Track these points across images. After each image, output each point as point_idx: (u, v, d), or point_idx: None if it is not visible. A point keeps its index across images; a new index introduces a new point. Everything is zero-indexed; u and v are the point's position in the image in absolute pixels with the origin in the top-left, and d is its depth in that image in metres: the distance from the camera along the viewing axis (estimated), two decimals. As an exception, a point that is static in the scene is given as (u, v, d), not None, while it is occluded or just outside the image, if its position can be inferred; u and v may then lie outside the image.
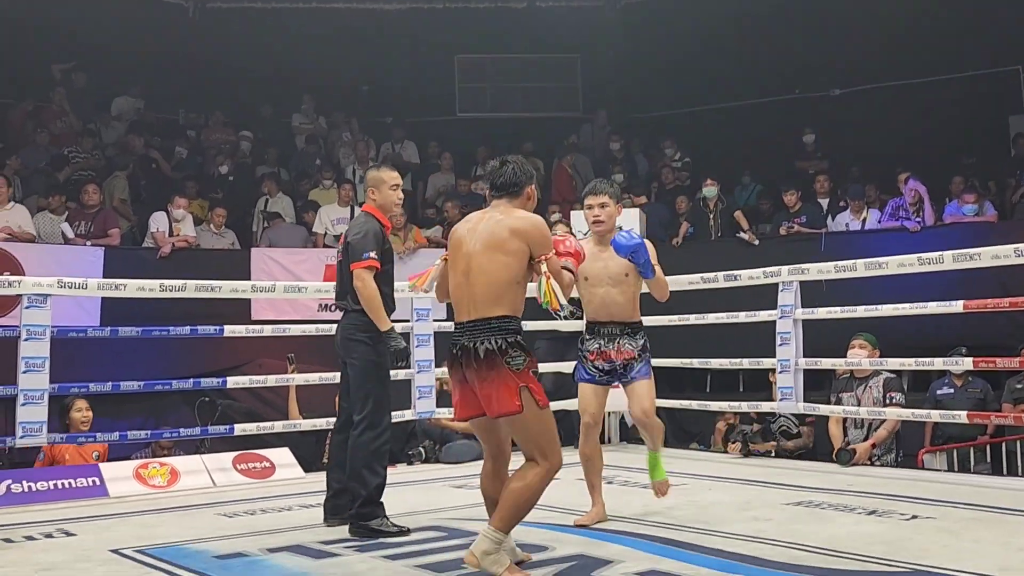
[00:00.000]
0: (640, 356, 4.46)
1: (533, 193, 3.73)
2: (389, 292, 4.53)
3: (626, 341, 4.44)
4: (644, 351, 4.48)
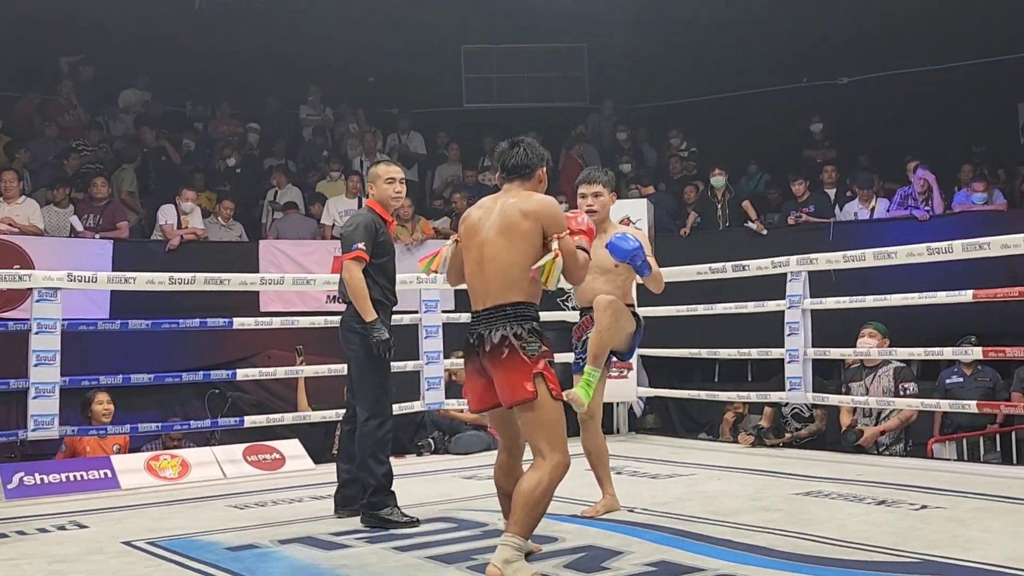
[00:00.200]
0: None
1: (544, 176, 3.64)
2: (387, 284, 4.54)
3: None
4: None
